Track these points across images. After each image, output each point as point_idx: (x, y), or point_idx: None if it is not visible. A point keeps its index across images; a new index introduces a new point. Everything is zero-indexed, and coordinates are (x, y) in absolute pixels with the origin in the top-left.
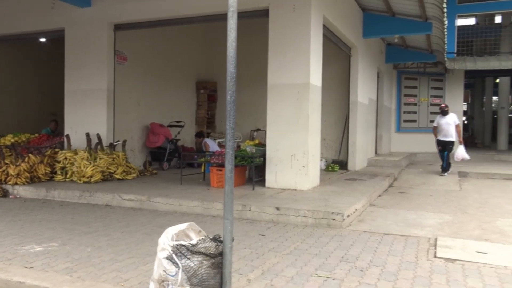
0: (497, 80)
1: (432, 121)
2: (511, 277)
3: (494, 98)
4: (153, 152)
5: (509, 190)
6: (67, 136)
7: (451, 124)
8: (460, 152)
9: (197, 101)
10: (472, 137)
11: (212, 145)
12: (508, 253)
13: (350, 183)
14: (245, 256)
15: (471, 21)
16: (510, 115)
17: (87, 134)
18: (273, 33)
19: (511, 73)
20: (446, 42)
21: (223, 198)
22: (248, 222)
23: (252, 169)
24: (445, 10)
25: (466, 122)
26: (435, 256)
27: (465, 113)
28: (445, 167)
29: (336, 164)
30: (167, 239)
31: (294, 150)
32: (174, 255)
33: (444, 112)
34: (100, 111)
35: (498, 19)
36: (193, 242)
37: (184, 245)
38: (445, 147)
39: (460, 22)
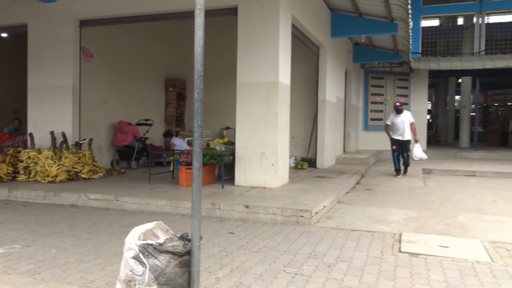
0: (460, 80)
1: None
2: (471, 269)
3: (457, 97)
4: (121, 151)
5: (470, 186)
6: (31, 134)
7: (406, 123)
8: (418, 151)
9: (166, 99)
10: (436, 135)
11: (179, 144)
12: (468, 247)
13: (318, 180)
14: (214, 254)
15: (435, 22)
16: (471, 114)
17: (52, 133)
18: (242, 32)
19: (472, 73)
20: (411, 42)
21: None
22: (217, 220)
23: (222, 168)
24: (410, 11)
25: (430, 120)
26: (399, 251)
27: (429, 111)
28: (399, 169)
29: (305, 162)
30: (133, 239)
31: (263, 148)
32: (141, 255)
33: (398, 111)
34: (65, 109)
35: (460, 21)
36: (161, 241)
37: (151, 244)
38: (402, 147)
39: (425, 23)
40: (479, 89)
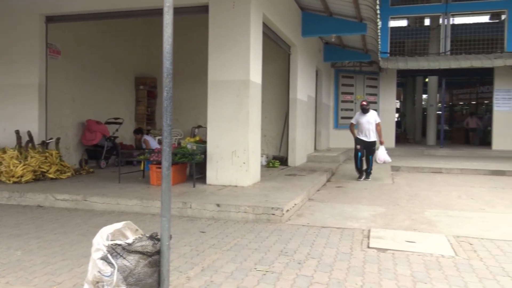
0: (427, 79)
1: None
2: (436, 263)
3: (424, 96)
4: (90, 150)
5: (436, 183)
6: None
7: (372, 123)
8: (382, 154)
9: (136, 98)
10: (404, 133)
11: (151, 141)
12: (434, 242)
13: (290, 178)
14: (185, 254)
15: (403, 23)
16: (438, 112)
17: (17, 132)
18: (213, 30)
19: (439, 73)
20: (379, 42)
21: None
22: (188, 219)
23: (193, 166)
24: (378, 11)
25: (399, 119)
26: (368, 247)
27: (397, 110)
28: (360, 169)
29: (277, 160)
30: (101, 239)
31: (235, 147)
32: (109, 255)
33: (365, 110)
34: (31, 107)
35: (427, 22)
36: (129, 241)
37: (119, 245)
38: (367, 149)
39: (393, 23)
40: (445, 88)
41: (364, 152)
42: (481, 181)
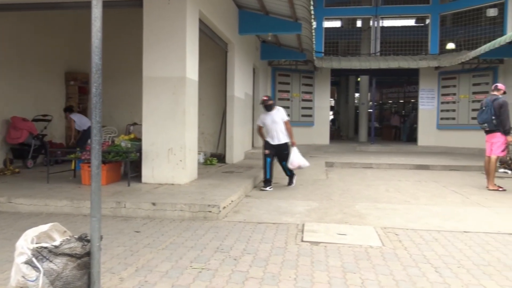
0: (359, 79)
1: (304, 116)
2: (365, 254)
3: (357, 94)
4: (15, 149)
5: (367, 178)
6: None
7: (278, 122)
8: (295, 157)
9: (67, 93)
10: (338, 130)
11: (79, 120)
12: (363, 233)
13: (227, 175)
14: (119, 254)
15: (337, 24)
16: (369, 110)
17: None
18: (148, 25)
19: (369, 73)
20: (314, 42)
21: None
22: (123, 219)
23: (128, 165)
24: (312, 12)
25: (333, 116)
26: (302, 241)
27: (332, 108)
28: (269, 179)
29: (215, 158)
30: (26, 242)
31: (171, 145)
32: (34, 259)
33: (267, 107)
34: None
35: (359, 24)
36: (56, 243)
37: (46, 248)
38: (278, 154)
39: (327, 24)
40: (376, 87)
41: (274, 158)
42: (407, 175)
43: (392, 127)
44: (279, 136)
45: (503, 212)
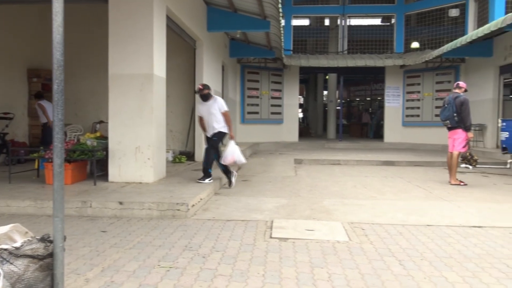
0: (327, 77)
1: (273, 113)
2: (332, 249)
3: (325, 92)
4: None
5: (334, 174)
6: None
7: (214, 114)
8: (231, 151)
9: (30, 91)
10: (307, 127)
11: (48, 107)
12: (330, 229)
13: (196, 173)
14: (84, 255)
15: (306, 22)
16: (337, 108)
17: None
18: (113, 21)
19: (337, 71)
20: (283, 40)
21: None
22: (89, 219)
23: (94, 164)
24: (280, 10)
25: (302, 114)
26: (271, 237)
27: (301, 105)
28: (209, 172)
29: (184, 156)
30: None
31: (139, 143)
32: None
33: (203, 97)
34: None
35: (327, 22)
36: (17, 245)
37: (5, 249)
38: (212, 145)
39: (296, 22)
40: (343, 85)
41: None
42: (374, 171)
43: (363, 124)
44: (214, 127)
45: (464, 206)
